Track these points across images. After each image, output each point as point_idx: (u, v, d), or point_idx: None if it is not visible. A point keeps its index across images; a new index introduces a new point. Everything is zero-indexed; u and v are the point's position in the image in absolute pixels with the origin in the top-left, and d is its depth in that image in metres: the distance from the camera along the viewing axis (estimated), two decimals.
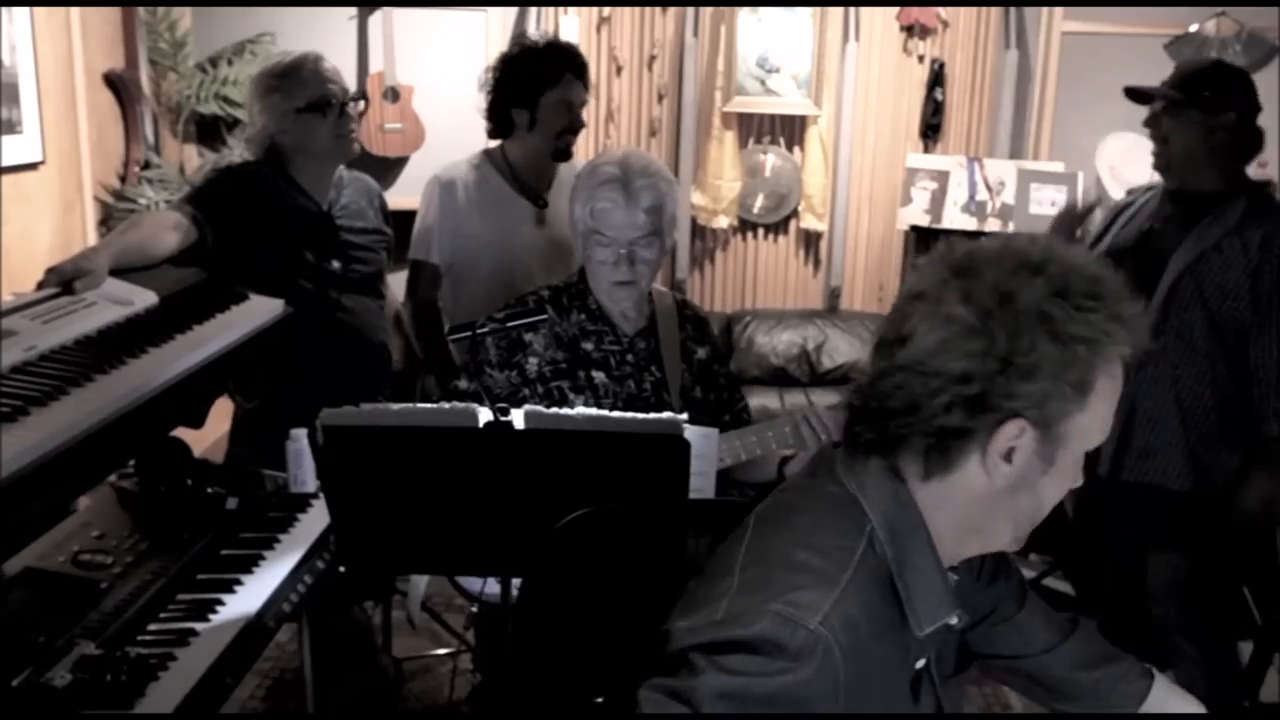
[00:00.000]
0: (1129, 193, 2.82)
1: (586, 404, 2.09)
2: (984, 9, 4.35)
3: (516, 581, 1.82)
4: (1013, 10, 4.34)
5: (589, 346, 2.14)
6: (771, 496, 1.21)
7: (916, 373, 1.06)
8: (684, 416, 1.68)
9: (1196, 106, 2.49)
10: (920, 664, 1.17)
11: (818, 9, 4.28)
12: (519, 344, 2.11)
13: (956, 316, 1.04)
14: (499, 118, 2.82)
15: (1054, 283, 1.04)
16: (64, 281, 1.99)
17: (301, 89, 2.55)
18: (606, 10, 4.34)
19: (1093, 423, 1.07)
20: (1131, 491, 2.58)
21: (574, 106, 2.80)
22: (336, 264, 2.65)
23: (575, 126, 2.82)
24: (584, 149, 4.13)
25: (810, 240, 4.59)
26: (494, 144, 2.92)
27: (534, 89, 2.75)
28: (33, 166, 3.48)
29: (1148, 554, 2.63)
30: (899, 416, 1.07)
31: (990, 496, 1.09)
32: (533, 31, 4.27)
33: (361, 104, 2.69)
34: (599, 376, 2.12)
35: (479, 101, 2.86)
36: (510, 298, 2.25)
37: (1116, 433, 2.51)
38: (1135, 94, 2.73)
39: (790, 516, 1.15)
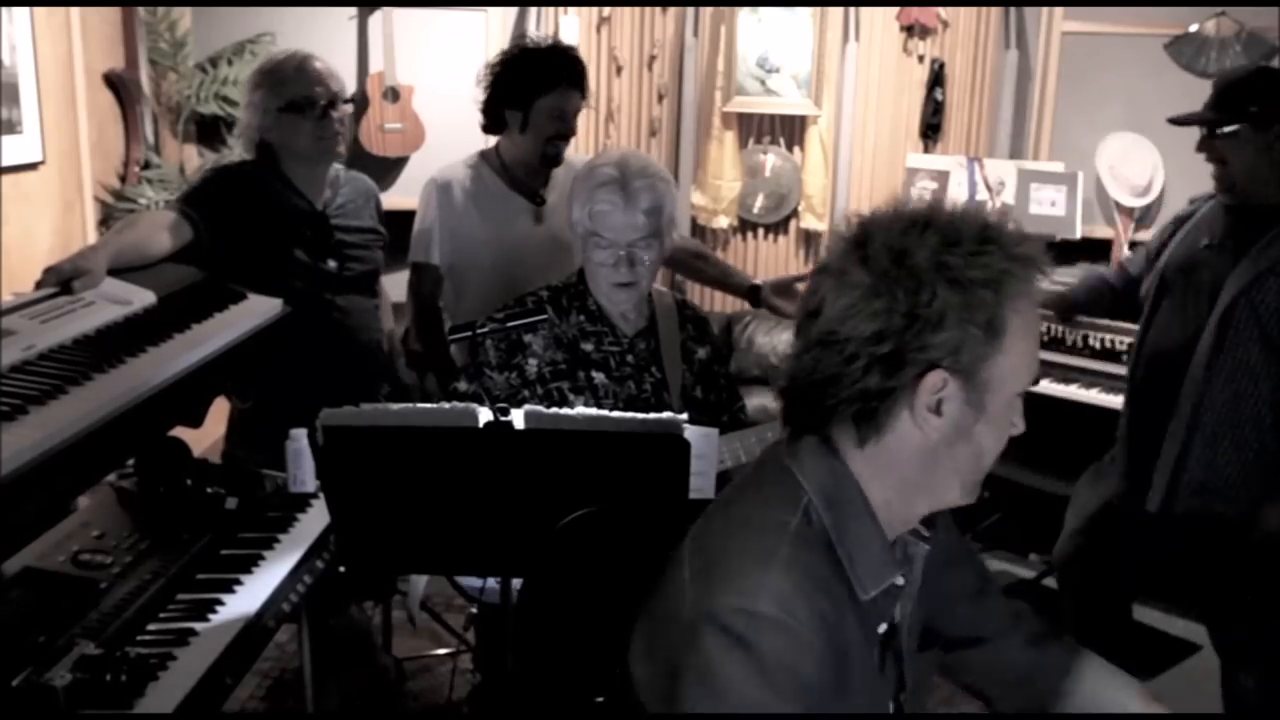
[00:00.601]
0: (1191, 201, 2.70)
1: (586, 405, 2.09)
2: (984, 9, 4.34)
3: (516, 581, 1.82)
4: (1013, 10, 4.34)
5: (589, 347, 2.14)
6: (727, 486, 1.26)
7: (830, 343, 1.09)
8: (684, 416, 1.68)
9: (1248, 122, 2.38)
10: (882, 629, 1.19)
11: (818, 9, 4.28)
12: (518, 345, 2.10)
13: (857, 281, 1.08)
14: (493, 115, 2.82)
15: (945, 234, 1.07)
16: (62, 281, 1.99)
17: (284, 87, 2.55)
18: (606, 10, 4.34)
19: (1016, 363, 1.09)
20: (1187, 525, 2.46)
21: (566, 115, 2.77)
22: (332, 263, 2.65)
23: (565, 134, 2.79)
24: (584, 149, 4.14)
25: (810, 240, 4.59)
26: (490, 145, 2.91)
27: (529, 92, 2.74)
28: (32, 166, 3.47)
29: (1209, 588, 2.51)
30: (824, 389, 1.10)
31: (928, 452, 1.11)
32: (534, 32, 4.27)
33: (350, 107, 2.67)
34: (599, 377, 2.12)
35: (478, 97, 2.85)
36: (510, 297, 2.24)
37: (1170, 464, 2.43)
38: (1181, 122, 2.59)
39: (733, 501, 1.19)
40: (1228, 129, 2.40)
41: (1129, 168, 4.18)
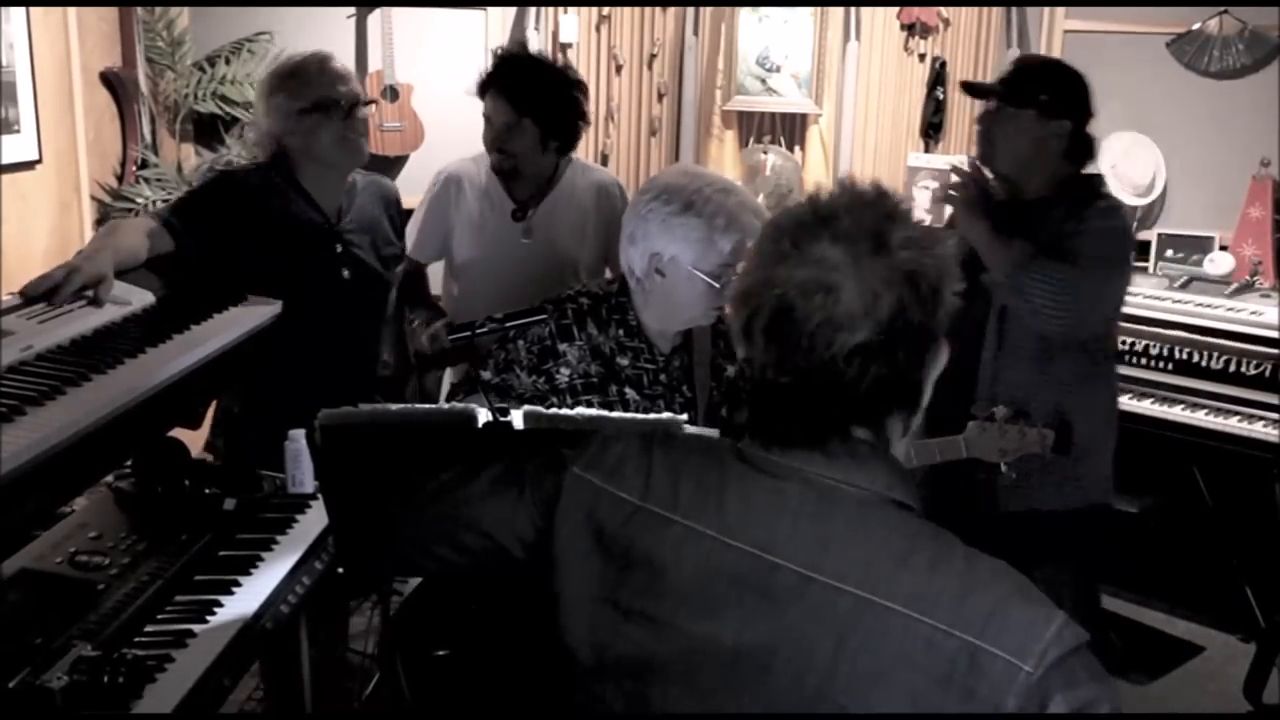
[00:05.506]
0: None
1: None
2: (985, 7, 4.33)
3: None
4: (1014, 9, 4.33)
5: (624, 362, 2.07)
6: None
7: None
8: (684, 417, 1.66)
9: (1035, 109, 2.39)
10: None
11: (818, 8, 4.27)
12: (551, 351, 2.04)
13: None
14: None
15: None
16: (82, 288, 1.96)
17: (306, 89, 2.46)
18: (606, 9, 4.33)
19: None
20: (1009, 521, 2.48)
21: (491, 122, 2.73)
22: (346, 273, 2.57)
23: (494, 144, 2.75)
24: (584, 149, 4.12)
25: None
26: None
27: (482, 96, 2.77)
28: (29, 165, 3.47)
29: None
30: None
31: None
32: (533, 31, 4.26)
33: (371, 108, 2.60)
34: (630, 394, 2.07)
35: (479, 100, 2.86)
36: (500, 301, 2.21)
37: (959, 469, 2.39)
38: (972, 88, 2.68)
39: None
40: (1015, 110, 2.41)
41: (1131, 167, 4.17)
